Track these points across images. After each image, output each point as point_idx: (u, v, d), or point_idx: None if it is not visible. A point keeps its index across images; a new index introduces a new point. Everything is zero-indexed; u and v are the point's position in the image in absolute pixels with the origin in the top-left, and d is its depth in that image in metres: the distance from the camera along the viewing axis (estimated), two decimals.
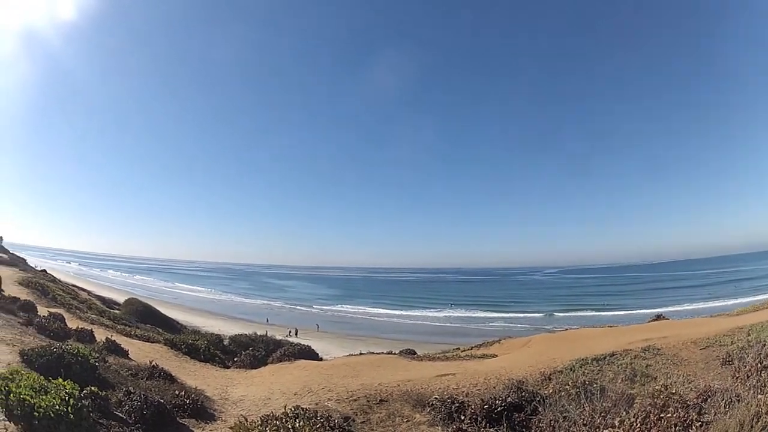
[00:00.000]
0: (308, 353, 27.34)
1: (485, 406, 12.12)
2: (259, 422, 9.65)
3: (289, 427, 9.39)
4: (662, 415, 8.08)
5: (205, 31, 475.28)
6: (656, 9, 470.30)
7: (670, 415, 8.00)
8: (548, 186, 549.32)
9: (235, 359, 25.10)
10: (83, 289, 56.68)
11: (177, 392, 13.90)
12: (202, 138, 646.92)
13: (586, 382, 12.62)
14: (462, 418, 12.11)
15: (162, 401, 11.57)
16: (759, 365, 11.46)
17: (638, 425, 8.09)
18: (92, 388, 10.21)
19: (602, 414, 9.37)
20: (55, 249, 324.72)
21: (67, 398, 8.16)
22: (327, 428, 10.29)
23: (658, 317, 38.90)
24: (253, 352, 25.77)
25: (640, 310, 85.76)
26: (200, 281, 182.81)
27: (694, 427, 7.62)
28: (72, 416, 7.91)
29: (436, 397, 13.66)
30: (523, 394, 12.62)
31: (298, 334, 62.43)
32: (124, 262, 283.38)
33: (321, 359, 27.98)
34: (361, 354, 30.24)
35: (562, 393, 12.41)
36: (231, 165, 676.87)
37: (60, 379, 9.04)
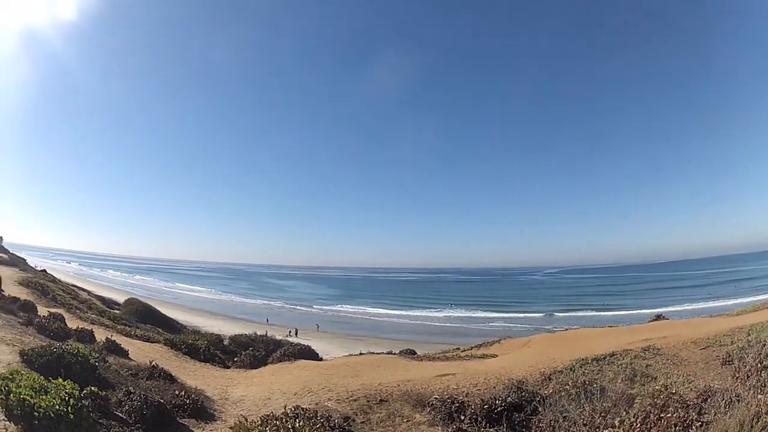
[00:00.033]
0: (308, 353, 27.34)
1: (485, 406, 12.12)
2: (259, 422, 9.65)
3: (289, 427, 9.38)
4: (662, 415, 8.08)
5: (205, 31, 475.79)
6: (656, 9, 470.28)
7: (670, 415, 8.00)
8: (548, 186, 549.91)
9: (235, 359, 25.09)
10: (83, 289, 56.67)
11: (177, 392, 13.89)
12: (202, 138, 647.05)
13: (586, 382, 12.62)
14: (462, 418, 12.11)
15: (162, 401, 11.56)
16: (759, 365, 11.46)
17: (638, 425, 8.09)
18: (92, 388, 10.21)
19: (602, 414, 9.37)
20: (55, 249, 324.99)
21: (67, 398, 8.16)
22: (327, 428, 10.30)
23: (658, 317, 38.90)
24: (253, 352, 25.77)
25: (640, 310, 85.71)
26: (200, 281, 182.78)
27: (694, 427, 7.62)
28: (72, 416, 7.91)
29: (436, 397, 13.66)
30: (523, 394, 12.62)
31: (298, 334, 62.40)
32: (124, 262, 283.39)
33: (321, 359, 27.97)
34: (361, 354, 30.24)
35: (562, 393, 12.41)
36: (231, 165, 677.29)
37: (60, 379, 9.03)
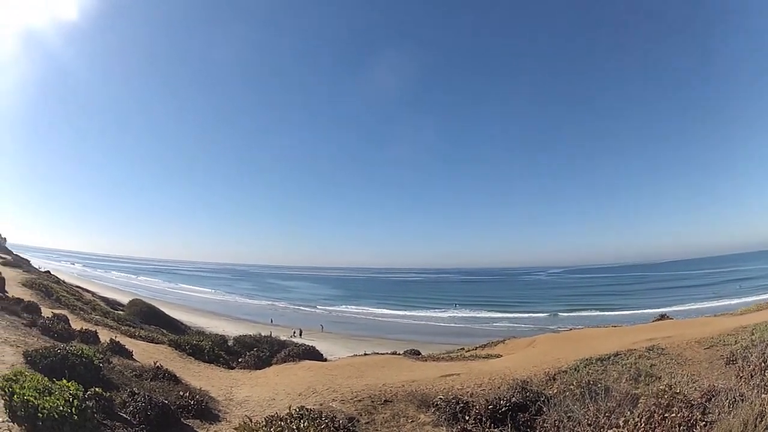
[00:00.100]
0: (312, 354, 27.38)
1: (490, 407, 12.10)
2: (264, 423, 9.65)
3: (294, 427, 9.38)
4: (666, 414, 8.05)
5: (205, 31, 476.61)
6: (656, 9, 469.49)
7: (674, 414, 7.97)
8: (549, 186, 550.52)
9: (239, 360, 25.14)
10: (87, 290, 56.75)
11: (181, 393, 13.90)
12: (202, 138, 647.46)
13: (591, 382, 12.58)
14: (466, 418, 12.09)
15: (166, 402, 11.58)
16: (763, 365, 11.41)
17: (643, 425, 8.06)
18: (96, 389, 10.23)
19: (607, 414, 9.35)
20: (59, 250, 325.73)
21: (71, 399, 8.17)
22: (331, 429, 10.29)
23: (662, 317, 38.89)
24: (257, 352, 25.83)
25: (644, 309, 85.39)
26: (203, 282, 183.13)
27: (698, 427, 7.59)
28: (76, 417, 7.92)
29: (441, 397, 13.64)
30: (527, 394, 12.59)
31: (302, 335, 62.43)
32: (128, 263, 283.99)
33: (325, 360, 28.00)
34: (365, 354, 30.27)
35: (567, 393, 12.37)
36: (231, 165, 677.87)
37: (64, 380, 9.05)
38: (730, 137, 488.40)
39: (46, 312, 24.50)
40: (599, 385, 11.61)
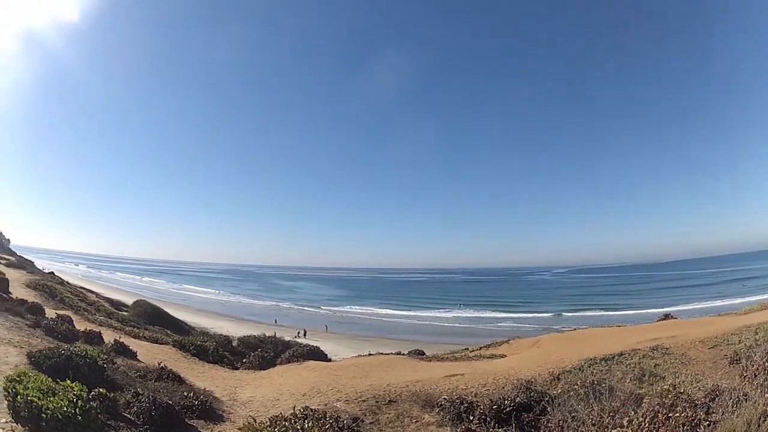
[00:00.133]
0: (317, 354, 27.41)
1: (494, 407, 12.08)
2: (268, 423, 9.66)
3: (298, 427, 9.40)
4: (670, 414, 8.03)
5: (205, 31, 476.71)
6: (656, 9, 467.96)
7: (678, 414, 7.96)
8: (549, 186, 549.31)
9: (243, 360, 25.19)
10: (91, 291, 56.90)
11: (185, 393, 13.93)
12: (202, 138, 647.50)
13: (595, 382, 12.56)
14: (471, 418, 12.08)
15: (170, 402, 11.60)
16: (766, 364, 11.38)
17: (647, 425, 8.05)
18: (100, 390, 10.23)
19: (611, 414, 9.33)
20: (63, 251, 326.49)
21: (75, 400, 8.17)
22: (336, 429, 10.29)
23: (667, 316, 38.70)
24: (261, 353, 25.86)
25: (648, 309, 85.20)
26: (207, 282, 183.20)
27: (702, 427, 7.57)
28: (80, 418, 7.93)
29: (445, 397, 13.63)
30: (531, 394, 12.57)
31: (306, 335, 62.44)
32: (133, 264, 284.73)
33: (330, 360, 28.05)
34: (369, 355, 30.27)
35: (571, 393, 12.35)
36: (231, 165, 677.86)
37: (68, 381, 9.05)
38: (730, 137, 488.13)
39: (50, 313, 24.57)
40: (603, 385, 11.58)
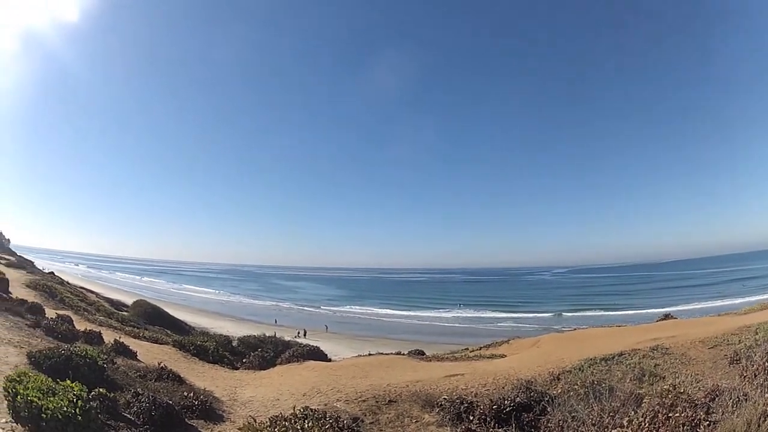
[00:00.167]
0: (317, 354, 27.40)
1: (494, 407, 12.09)
2: (268, 423, 9.66)
3: (298, 427, 9.40)
4: (670, 414, 8.04)
5: (205, 31, 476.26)
6: (656, 9, 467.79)
7: (678, 414, 7.97)
8: (549, 186, 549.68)
9: (243, 360, 25.17)
10: (91, 291, 56.87)
11: (185, 393, 13.93)
12: (202, 138, 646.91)
13: (595, 382, 12.58)
14: (471, 418, 12.08)
15: (170, 402, 11.60)
16: (766, 364, 11.38)
17: (647, 425, 8.06)
18: (100, 390, 10.23)
19: (611, 414, 9.34)
20: (63, 251, 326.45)
21: (75, 400, 8.18)
22: (336, 429, 10.29)
23: (667, 316, 38.70)
24: (261, 353, 25.84)
25: (648, 309, 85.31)
26: (207, 282, 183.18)
27: (702, 427, 7.58)
28: (80, 418, 7.93)
29: (445, 397, 13.63)
30: (531, 394, 12.57)
31: (306, 335, 62.44)
32: (132, 264, 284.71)
33: (330, 360, 28.04)
34: (369, 355, 30.27)
35: (571, 393, 12.36)
36: (231, 165, 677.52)
37: (68, 381, 9.05)
38: (730, 137, 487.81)
39: (50, 313, 24.56)
40: (603, 385, 11.60)
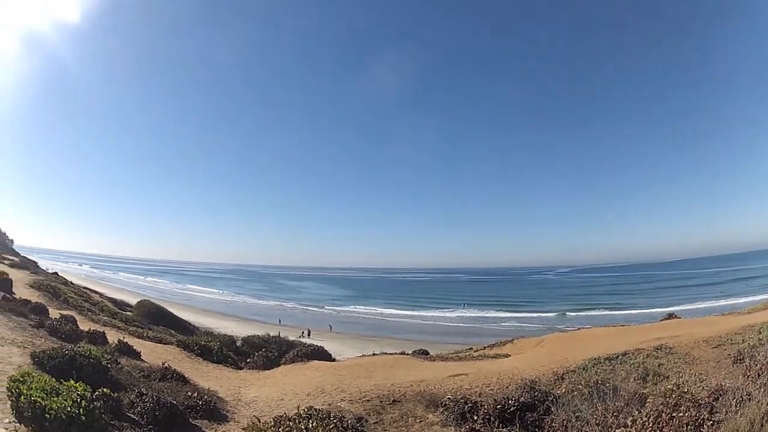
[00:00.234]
0: (321, 354, 27.40)
1: (498, 406, 12.10)
2: (272, 423, 9.67)
3: (302, 427, 9.40)
4: (674, 414, 8.03)
5: (205, 31, 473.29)
6: (656, 9, 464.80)
7: (681, 414, 7.96)
8: (549, 186, 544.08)
9: (247, 360, 25.21)
10: (95, 292, 56.98)
11: (189, 393, 13.96)
12: (202, 138, 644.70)
13: (599, 382, 12.58)
14: (475, 418, 12.08)
15: (174, 402, 11.63)
16: None
17: (650, 424, 8.05)
18: (104, 390, 10.27)
19: (615, 413, 9.33)
20: (66, 252, 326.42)
21: (78, 400, 8.21)
22: (340, 429, 10.29)
23: (671, 316, 38.61)
24: (265, 353, 25.86)
25: (652, 309, 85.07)
26: (211, 283, 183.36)
27: (706, 426, 7.57)
28: (84, 418, 7.96)
29: (449, 397, 13.64)
30: (536, 393, 12.58)
31: (310, 335, 62.44)
32: (135, 264, 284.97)
33: (334, 360, 28.02)
34: (374, 354, 30.24)
35: (575, 392, 12.36)
36: (231, 165, 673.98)
37: (72, 381, 9.09)
38: (730, 137, 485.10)
39: (54, 313, 24.66)
40: (607, 385, 11.60)
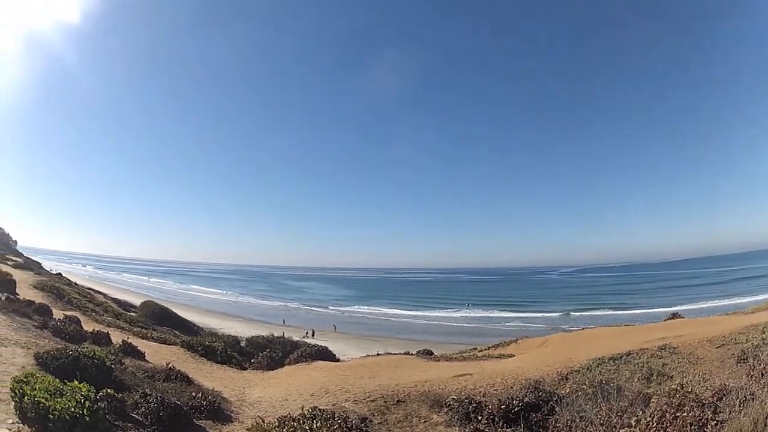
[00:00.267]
0: (325, 354, 27.45)
1: (502, 406, 12.07)
2: (276, 423, 9.69)
3: (307, 428, 9.41)
4: (678, 414, 8.00)
5: (205, 31, 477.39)
6: (657, 10, 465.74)
7: (685, 414, 7.93)
8: (549, 186, 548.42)
9: (252, 361, 25.24)
10: (99, 292, 57.11)
11: (194, 394, 13.96)
12: (202, 138, 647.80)
13: (603, 382, 12.54)
14: (479, 418, 12.06)
15: (178, 403, 11.64)
16: None
17: (654, 424, 8.02)
18: (108, 391, 10.29)
19: (619, 413, 9.31)
20: (70, 252, 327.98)
21: (82, 400, 8.22)
22: (344, 429, 10.28)
23: (674, 316, 38.55)
24: (270, 353, 25.89)
25: (656, 308, 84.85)
26: (215, 283, 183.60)
27: (710, 426, 7.54)
28: (88, 418, 7.97)
29: (454, 397, 13.62)
30: (540, 393, 12.55)
31: (314, 336, 62.39)
32: (139, 265, 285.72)
33: (338, 360, 28.07)
34: (378, 355, 30.28)
35: (579, 393, 12.32)
36: (231, 165, 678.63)
37: (76, 382, 9.10)
38: (730, 137, 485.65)
39: (58, 314, 24.73)
40: (611, 385, 11.57)
